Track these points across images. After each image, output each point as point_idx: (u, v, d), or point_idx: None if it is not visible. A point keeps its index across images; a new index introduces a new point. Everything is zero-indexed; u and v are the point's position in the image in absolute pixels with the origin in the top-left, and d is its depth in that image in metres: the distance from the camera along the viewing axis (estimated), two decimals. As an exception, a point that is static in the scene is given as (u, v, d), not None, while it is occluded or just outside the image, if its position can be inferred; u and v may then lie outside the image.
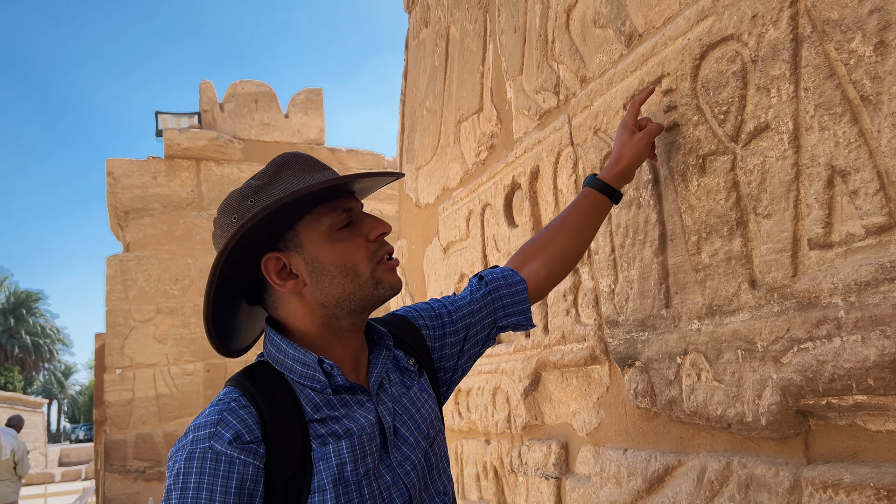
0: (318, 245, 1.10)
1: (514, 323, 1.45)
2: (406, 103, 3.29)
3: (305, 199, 1.07)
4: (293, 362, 1.08)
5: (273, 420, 1.01)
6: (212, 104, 11.55)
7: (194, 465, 0.95)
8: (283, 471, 0.98)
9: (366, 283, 1.10)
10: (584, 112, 1.80)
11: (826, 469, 1.15)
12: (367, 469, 1.05)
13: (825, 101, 1.14)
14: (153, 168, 10.47)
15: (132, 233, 10.16)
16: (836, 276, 1.12)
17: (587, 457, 1.86)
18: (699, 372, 1.42)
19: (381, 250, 1.13)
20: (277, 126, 11.84)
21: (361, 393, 1.11)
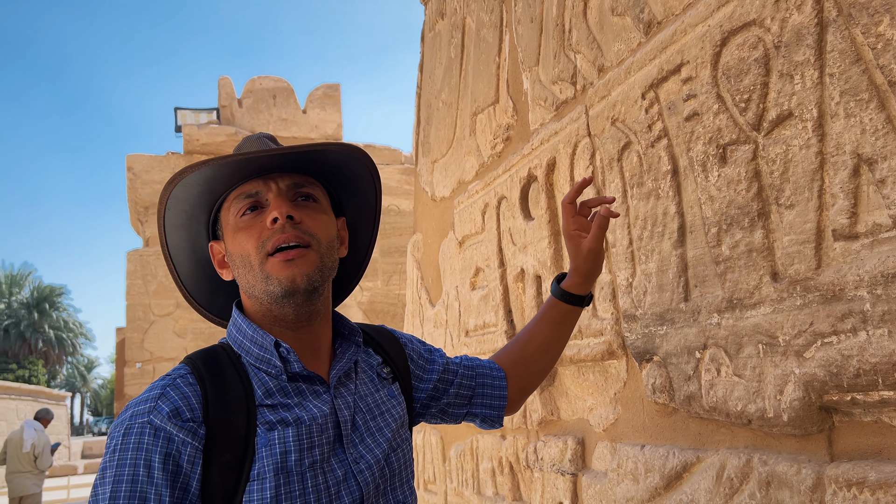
0: (228, 233, 1.09)
1: (486, 415, 1.40)
2: (422, 96, 3.26)
3: (217, 185, 1.06)
4: (251, 343, 1.05)
5: (218, 401, 0.97)
6: (230, 100, 11.61)
7: (132, 440, 0.91)
8: (223, 454, 0.94)
9: (258, 276, 1.04)
10: (602, 102, 1.77)
11: (850, 467, 1.12)
12: (313, 461, 1.00)
13: (851, 86, 1.11)
14: (172, 164, 10.55)
15: (152, 228, 10.26)
16: (861, 268, 1.08)
17: (604, 453, 1.83)
18: (719, 367, 1.39)
19: (270, 240, 1.03)
20: (295, 121, 11.88)
21: (319, 384, 1.07)
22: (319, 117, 12.21)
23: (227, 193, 1.09)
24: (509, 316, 2.32)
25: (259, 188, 1.06)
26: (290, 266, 1.02)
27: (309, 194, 1.10)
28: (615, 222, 1.71)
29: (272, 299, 1.04)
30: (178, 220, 1.12)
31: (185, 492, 0.92)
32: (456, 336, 2.75)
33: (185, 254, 1.16)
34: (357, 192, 1.23)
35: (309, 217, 1.07)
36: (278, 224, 1.03)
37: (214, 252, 1.14)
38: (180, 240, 1.15)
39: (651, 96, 1.58)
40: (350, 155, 1.14)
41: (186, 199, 1.08)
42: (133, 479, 0.89)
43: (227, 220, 1.09)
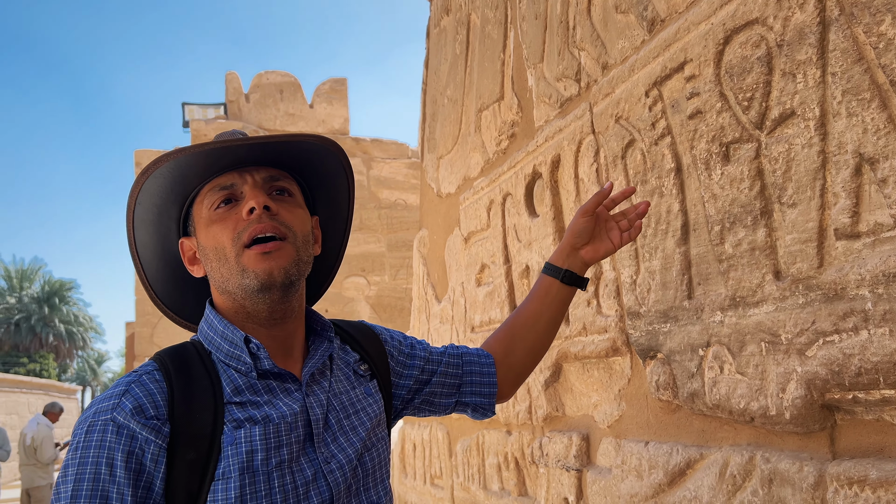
0: (200, 227, 1.06)
1: (477, 404, 1.36)
2: (427, 92, 3.27)
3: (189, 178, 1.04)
4: (221, 339, 1.03)
5: (184, 398, 0.95)
6: (237, 95, 11.63)
7: (94, 437, 0.90)
8: (187, 453, 0.92)
9: (233, 269, 1.01)
10: (606, 100, 1.77)
11: (852, 465, 1.12)
12: (280, 460, 0.97)
13: (853, 86, 1.11)
14: (180, 159, 10.59)
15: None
16: (863, 268, 1.08)
17: (608, 449, 1.84)
18: (722, 364, 1.39)
19: (247, 230, 1.00)
20: (302, 116, 11.89)
21: (291, 381, 1.05)
22: (326, 112, 12.22)
23: (200, 187, 1.06)
24: (514, 312, 2.33)
25: (234, 180, 1.04)
26: (266, 259, 1.00)
27: (284, 188, 1.08)
28: (619, 220, 1.72)
29: (247, 294, 1.01)
30: (149, 215, 1.09)
31: (148, 491, 0.90)
32: (462, 332, 2.76)
33: (154, 251, 1.13)
34: (330, 189, 1.21)
35: (285, 210, 1.05)
36: (255, 214, 1.01)
37: (185, 249, 1.11)
38: (149, 237, 1.12)
39: (655, 94, 1.58)
40: (325, 149, 1.12)
41: (158, 192, 1.06)
42: (95, 477, 0.88)
43: (199, 213, 1.06)
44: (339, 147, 1.15)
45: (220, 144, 1.00)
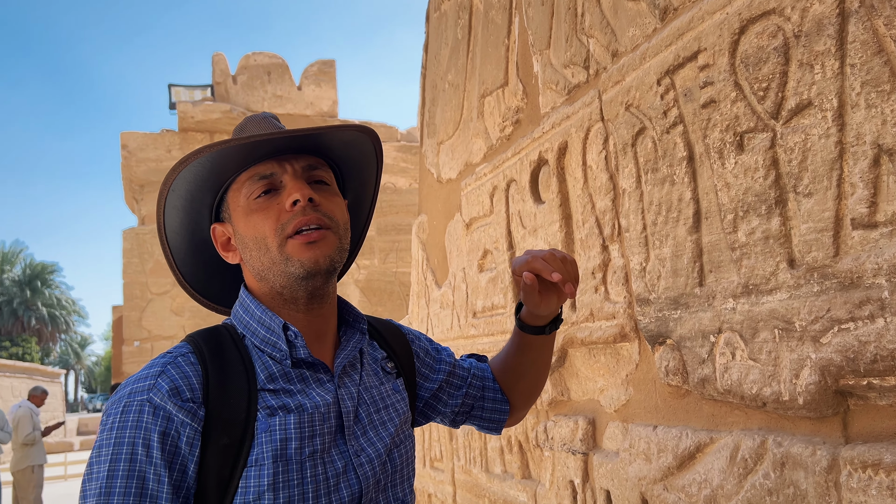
0: (238, 215, 1.05)
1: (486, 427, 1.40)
2: (427, 77, 3.26)
3: (226, 167, 1.03)
4: (258, 324, 1.03)
5: (219, 383, 0.95)
6: (224, 76, 11.50)
7: (130, 417, 0.89)
8: (220, 438, 0.91)
9: (276, 259, 1.01)
10: (616, 87, 1.78)
11: (865, 449, 1.15)
12: (313, 450, 0.97)
13: (873, 77, 1.12)
14: (167, 141, 10.48)
15: (147, 206, 10.22)
16: (880, 257, 1.11)
17: (615, 433, 1.87)
18: (734, 351, 1.42)
19: (292, 223, 1.00)
20: (290, 98, 11.79)
21: (323, 372, 1.05)
22: (314, 94, 12.13)
23: (237, 175, 1.06)
24: (518, 298, 2.34)
25: (274, 169, 1.04)
26: (311, 248, 1.00)
27: (322, 178, 1.08)
28: (629, 207, 1.73)
29: (290, 280, 1.02)
30: (180, 201, 1.08)
31: (182, 474, 0.90)
32: (463, 317, 2.77)
33: (183, 237, 1.13)
34: (361, 175, 1.22)
35: (326, 200, 1.05)
36: (299, 206, 1.01)
37: (217, 235, 1.10)
38: (178, 222, 1.11)
39: (667, 82, 1.59)
40: (363, 138, 1.13)
41: (193, 179, 1.05)
42: (132, 458, 0.87)
43: (237, 201, 1.06)
44: (377, 137, 1.16)
45: (264, 137, 0.99)
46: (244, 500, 0.92)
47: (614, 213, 1.82)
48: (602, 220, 1.87)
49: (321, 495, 0.96)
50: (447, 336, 2.94)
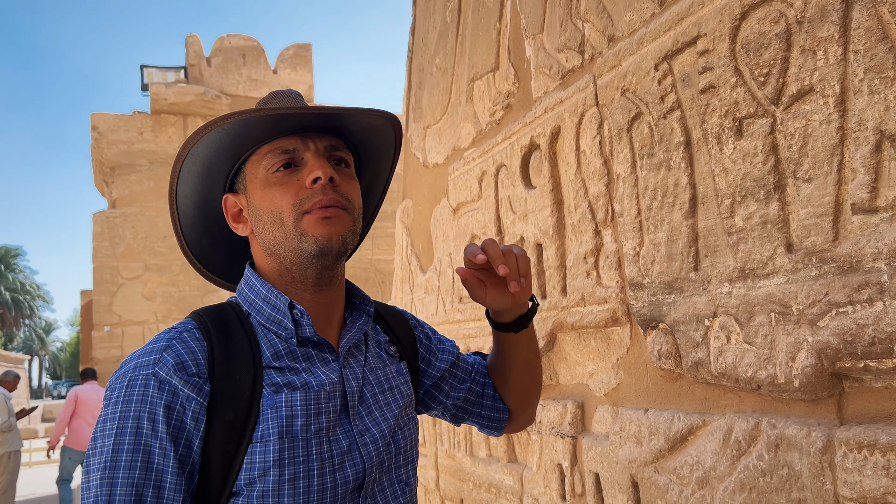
0: (255, 187, 1.05)
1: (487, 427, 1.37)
2: (413, 60, 3.23)
3: (249, 137, 1.02)
4: (263, 303, 1.03)
5: (224, 359, 0.95)
6: (198, 58, 11.31)
7: (135, 391, 0.89)
8: (226, 413, 0.92)
9: (290, 234, 1.00)
10: (612, 72, 1.78)
11: (861, 430, 1.17)
12: (319, 427, 0.97)
13: (876, 64, 1.13)
14: (139, 123, 10.28)
15: (118, 189, 10.03)
16: (880, 241, 1.12)
17: (605, 416, 1.89)
18: (729, 334, 1.43)
19: (310, 200, 1.00)
20: (265, 82, 11.64)
21: (328, 351, 1.05)
22: (290, 78, 11.98)
23: (258, 147, 1.05)
24: (507, 283, 2.34)
25: (296, 145, 1.03)
26: (327, 224, 1.00)
27: (342, 158, 1.08)
28: (623, 192, 1.74)
29: (301, 258, 1.01)
30: (197, 167, 1.07)
31: (187, 449, 0.90)
32: (449, 302, 2.77)
33: (194, 202, 1.12)
34: (378, 164, 1.21)
35: (345, 181, 1.05)
36: (319, 185, 1.00)
37: (228, 205, 1.09)
38: (192, 188, 1.10)
39: (665, 67, 1.59)
40: (386, 124, 1.13)
41: (213, 145, 1.04)
42: (137, 431, 0.87)
43: (255, 172, 1.05)
44: (400, 125, 1.15)
45: (293, 111, 0.98)
46: (249, 475, 0.91)
47: (608, 199, 1.83)
48: (595, 205, 1.87)
49: (326, 473, 0.96)
50: (432, 321, 2.93)
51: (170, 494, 0.87)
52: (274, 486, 0.92)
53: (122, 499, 0.85)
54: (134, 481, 0.86)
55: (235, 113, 0.99)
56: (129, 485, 0.85)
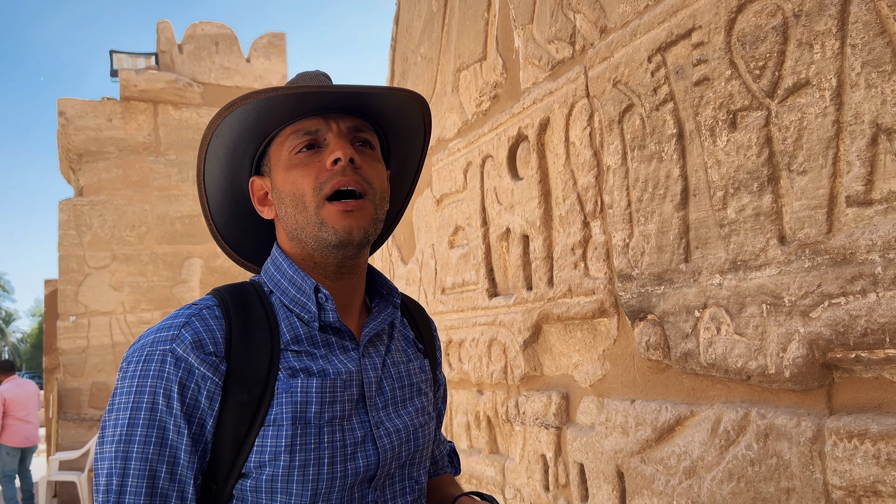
0: (278, 169, 1.03)
1: None
2: (397, 49, 3.20)
3: (272, 118, 1.01)
4: (289, 283, 1.01)
5: (242, 338, 0.94)
6: (170, 45, 11.09)
7: (152, 367, 0.88)
8: (240, 394, 0.91)
9: (312, 220, 0.98)
10: (603, 63, 1.78)
11: (851, 419, 1.19)
12: (332, 416, 0.95)
13: (874, 58, 1.15)
14: (108, 110, 10.05)
15: (86, 177, 9.80)
16: (874, 234, 1.14)
17: (590, 407, 1.89)
18: (719, 325, 1.44)
19: (330, 182, 0.97)
20: (238, 70, 11.47)
21: (349, 339, 1.03)
22: (264, 67, 11.82)
23: (282, 128, 1.03)
24: (491, 275, 2.34)
25: (319, 126, 1.00)
26: (347, 217, 0.98)
27: (367, 140, 1.05)
28: (613, 184, 1.74)
29: (320, 246, 1.00)
30: (223, 149, 1.05)
31: (201, 428, 0.89)
32: (431, 293, 2.76)
33: (221, 186, 1.10)
34: (406, 148, 1.19)
35: (367, 164, 1.02)
36: (339, 166, 0.98)
37: (255, 188, 1.08)
38: (219, 171, 1.08)
39: (658, 59, 1.60)
40: (413, 106, 1.10)
41: (237, 127, 1.02)
42: (152, 407, 0.87)
43: (278, 154, 1.03)
44: (428, 107, 1.13)
45: (314, 89, 0.96)
46: (259, 459, 0.91)
47: (597, 190, 1.83)
48: (584, 197, 1.87)
49: (337, 462, 0.95)
50: (412, 313, 2.92)
51: (183, 471, 0.88)
52: (284, 472, 0.91)
53: (136, 472, 0.86)
54: (148, 456, 0.86)
55: (256, 92, 0.97)
56: (143, 459, 0.86)
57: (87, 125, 9.81)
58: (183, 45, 11.13)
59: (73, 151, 9.79)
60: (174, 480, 0.87)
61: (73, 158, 9.92)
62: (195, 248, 10.16)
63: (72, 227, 9.41)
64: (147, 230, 9.88)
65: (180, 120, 10.50)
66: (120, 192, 9.80)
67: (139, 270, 9.63)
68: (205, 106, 10.75)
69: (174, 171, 10.29)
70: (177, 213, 10.16)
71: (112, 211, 9.64)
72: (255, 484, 0.91)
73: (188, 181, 10.34)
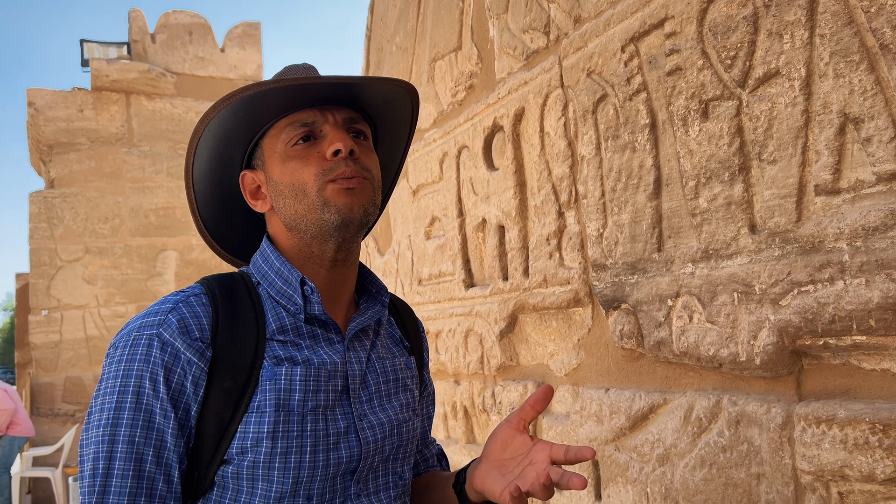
0: (273, 162, 1.03)
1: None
2: (372, 39, 3.18)
3: (266, 111, 1.01)
4: (275, 275, 1.03)
5: (228, 326, 0.95)
6: (142, 34, 10.92)
7: (139, 351, 0.90)
8: (224, 381, 0.92)
9: (313, 204, 0.99)
10: (578, 53, 1.78)
11: (820, 405, 1.21)
12: (316, 404, 0.97)
13: (842, 48, 1.16)
14: (79, 100, 9.88)
15: (57, 168, 9.64)
16: (842, 222, 1.15)
17: (565, 396, 1.90)
18: (691, 314, 1.46)
19: (334, 170, 0.99)
20: (213, 60, 11.33)
21: (335, 332, 1.04)
22: (238, 57, 11.68)
23: (275, 121, 1.03)
24: (467, 265, 2.34)
25: (315, 118, 1.02)
26: (349, 194, 0.99)
27: (361, 131, 1.07)
28: (587, 174, 1.75)
29: (322, 230, 1.00)
30: (213, 141, 1.06)
31: (186, 413, 0.91)
32: (408, 285, 2.75)
33: (211, 180, 1.10)
34: (394, 139, 1.20)
35: (365, 154, 1.04)
36: (340, 157, 0.99)
37: (246, 182, 1.08)
38: (209, 164, 1.08)
39: (631, 49, 1.60)
40: (404, 96, 1.11)
41: (229, 119, 1.03)
42: (139, 391, 0.88)
43: (273, 147, 1.03)
44: (418, 97, 1.14)
45: (309, 80, 0.97)
46: (242, 445, 0.92)
47: (572, 180, 1.83)
48: (559, 187, 1.88)
49: (319, 451, 0.96)
50: (389, 304, 2.91)
51: (169, 455, 0.89)
52: (265, 458, 0.92)
53: (123, 455, 0.87)
54: (135, 440, 0.87)
55: (249, 86, 0.97)
56: (130, 443, 0.87)
57: (58, 116, 9.63)
58: (156, 35, 10.96)
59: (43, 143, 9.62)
60: (160, 464, 0.89)
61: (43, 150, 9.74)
62: (170, 241, 10.05)
63: (43, 219, 9.25)
64: (121, 222, 9.74)
65: (154, 111, 10.35)
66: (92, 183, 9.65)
67: (113, 263, 9.50)
68: (178, 96, 10.61)
69: (148, 162, 10.15)
70: (151, 205, 10.03)
71: (84, 203, 9.49)
72: (236, 470, 0.92)
73: (162, 173, 10.21)
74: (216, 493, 0.94)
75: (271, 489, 0.93)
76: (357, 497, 1.02)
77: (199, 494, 0.94)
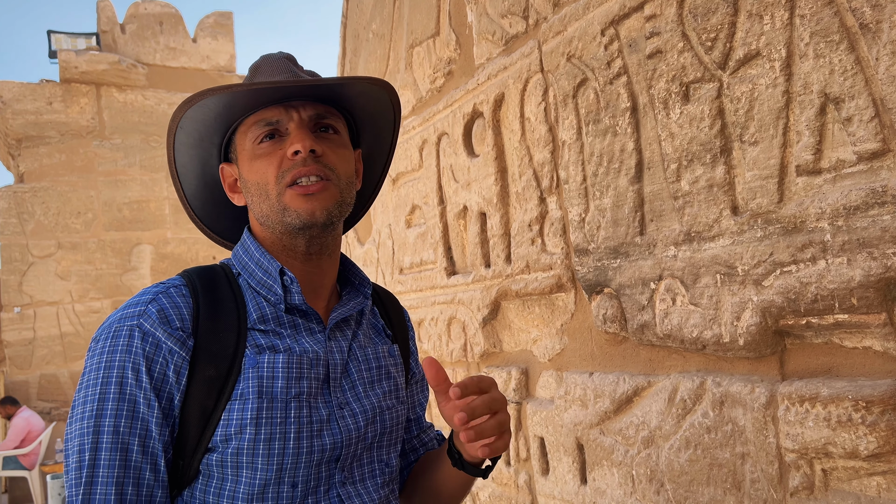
0: (243, 159, 1.05)
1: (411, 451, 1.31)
2: (348, 26, 3.14)
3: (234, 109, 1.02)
4: (255, 266, 1.04)
5: (209, 316, 0.96)
6: (112, 25, 10.72)
7: (120, 342, 0.91)
8: (207, 369, 0.93)
9: (274, 207, 1.00)
10: (557, 38, 1.77)
11: (803, 384, 1.22)
12: (300, 392, 0.97)
13: (822, 28, 1.16)
14: (48, 93, 9.68)
15: (27, 162, 9.44)
16: (824, 202, 1.16)
17: (549, 381, 1.91)
18: (674, 296, 1.46)
19: (290, 172, 0.99)
20: (184, 51, 11.16)
21: (316, 322, 1.05)
22: (211, 47, 11.51)
23: (245, 117, 1.05)
24: (449, 253, 2.33)
25: (280, 116, 1.02)
26: (309, 200, 0.99)
27: (330, 125, 1.06)
28: (569, 159, 1.74)
29: (287, 230, 1.02)
30: (190, 139, 1.08)
31: (169, 402, 0.91)
32: (389, 274, 2.74)
33: (194, 172, 1.12)
34: (376, 126, 1.20)
35: (330, 150, 1.03)
36: (299, 157, 0.99)
37: (225, 175, 1.10)
38: (189, 159, 1.10)
39: (611, 33, 1.59)
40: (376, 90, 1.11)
41: (201, 119, 1.04)
42: (121, 381, 0.89)
43: (243, 144, 1.05)
44: (392, 88, 1.13)
45: (270, 85, 0.97)
46: (225, 432, 0.92)
47: (553, 166, 1.83)
48: (540, 173, 1.87)
49: (303, 438, 0.96)
50: (370, 293, 2.90)
51: (155, 444, 0.89)
52: (249, 445, 0.92)
53: (108, 446, 0.87)
54: (120, 430, 0.87)
55: (213, 89, 0.98)
56: (115, 433, 0.87)
57: (26, 109, 9.42)
58: (125, 25, 10.76)
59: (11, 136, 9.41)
60: (146, 454, 0.89)
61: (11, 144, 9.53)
62: (144, 235, 9.92)
63: (13, 214, 9.06)
64: (94, 217, 9.58)
65: (125, 103, 10.17)
66: (63, 177, 9.47)
67: (86, 258, 9.34)
68: (150, 88, 10.44)
69: (120, 155, 9.99)
70: (124, 198, 9.88)
71: (56, 197, 9.32)
72: (220, 458, 0.92)
73: (135, 166, 10.06)
74: (201, 482, 0.94)
75: (256, 476, 0.93)
76: (342, 485, 1.02)
77: (184, 484, 0.95)
